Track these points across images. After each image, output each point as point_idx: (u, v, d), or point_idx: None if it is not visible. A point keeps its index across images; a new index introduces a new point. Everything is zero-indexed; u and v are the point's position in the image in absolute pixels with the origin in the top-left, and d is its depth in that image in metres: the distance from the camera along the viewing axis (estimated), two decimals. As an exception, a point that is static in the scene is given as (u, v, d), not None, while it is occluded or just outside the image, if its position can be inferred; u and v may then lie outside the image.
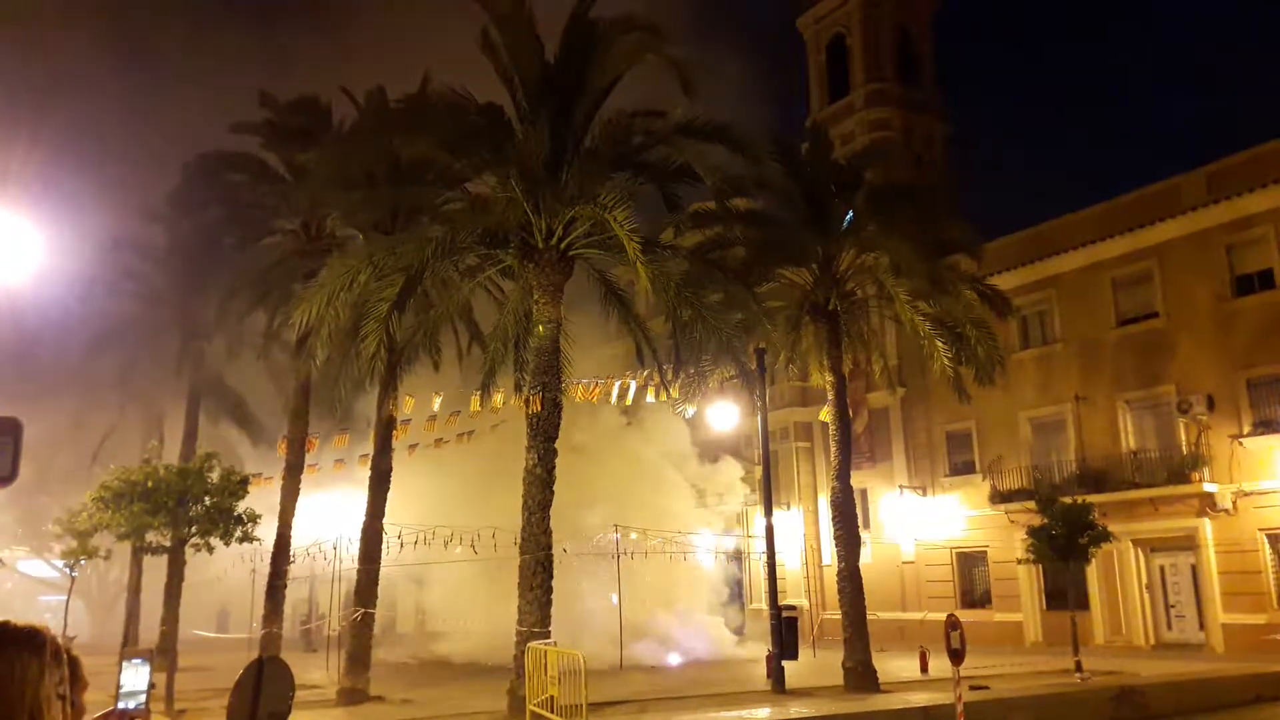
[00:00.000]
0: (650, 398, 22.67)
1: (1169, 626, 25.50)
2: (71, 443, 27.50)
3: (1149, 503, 24.84)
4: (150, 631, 25.41)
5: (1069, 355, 27.85)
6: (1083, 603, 25.69)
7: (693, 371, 18.33)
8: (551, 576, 14.89)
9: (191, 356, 23.85)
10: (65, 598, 25.54)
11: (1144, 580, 25.77)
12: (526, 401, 15.48)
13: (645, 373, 21.00)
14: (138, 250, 25.27)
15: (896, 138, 38.32)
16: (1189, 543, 24.67)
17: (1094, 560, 21.93)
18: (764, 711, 12.94)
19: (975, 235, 20.89)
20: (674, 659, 24.93)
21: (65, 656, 2.01)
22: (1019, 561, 23.04)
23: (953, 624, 12.20)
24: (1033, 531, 20.42)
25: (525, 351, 16.63)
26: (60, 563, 27.02)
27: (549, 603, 14.75)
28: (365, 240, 17.98)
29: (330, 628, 25.60)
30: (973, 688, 15.48)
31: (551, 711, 12.98)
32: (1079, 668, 18.24)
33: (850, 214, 19.41)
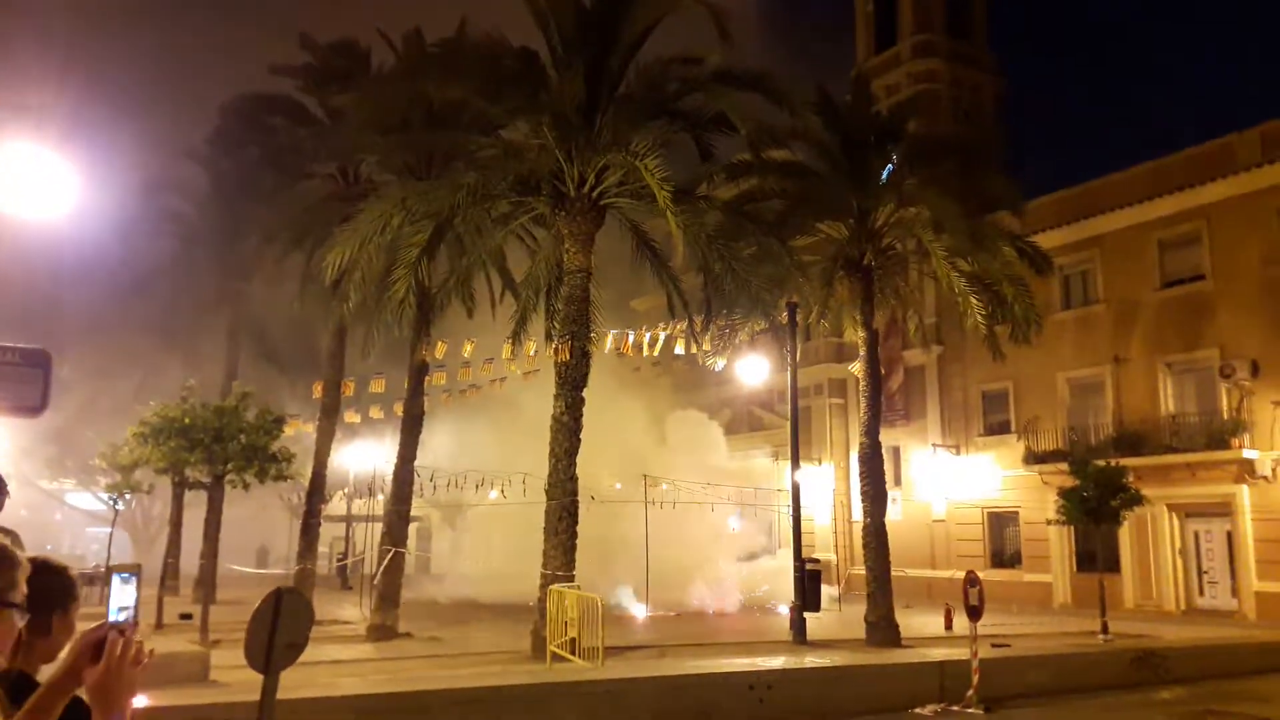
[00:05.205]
0: (680, 349, 22.62)
1: (1201, 593, 25.28)
2: (116, 379, 28.14)
3: (1186, 468, 24.49)
4: (191, 565, 26.21)
5: (1110, 316, 27.34)
6: (1113, 566, 25.55)
7: (723, 325, 18.26)
8: (576, 522, 15.07)
9: (230, 297, 24.20)
10: (110, 530, 26.38)
11: (1177, 545, 25.51)
12: (555, 350, 15.55)
13: (676, 325, 20.93)
14: (178, 192, 25.59)
15: (943, 91, 37.47)
16: (1225, 509, 24.35)
17: (1126, 524, 21.73)
18: (779, 659, 13.07)
19: (1018, 192, 20.45)
20: (699, 608, 25.18)
21: (16, 560, 1.89)
22: (1049, 522, 22.88)
23: (971, 581, 12.20)
24: (1064, 493, 20.27)
25: (556, 300, 16.67)
26: (105, 495, 27.80)
27: (573, 547, 14.96)
28: (399, 184, 18.02)
29: (365, 567, 26.20)
30: (994, 645, 15.51)
31: (572, 653, 13.23)
32: (1104, 630, 18.17)
33: (890, 167, 19.08)
